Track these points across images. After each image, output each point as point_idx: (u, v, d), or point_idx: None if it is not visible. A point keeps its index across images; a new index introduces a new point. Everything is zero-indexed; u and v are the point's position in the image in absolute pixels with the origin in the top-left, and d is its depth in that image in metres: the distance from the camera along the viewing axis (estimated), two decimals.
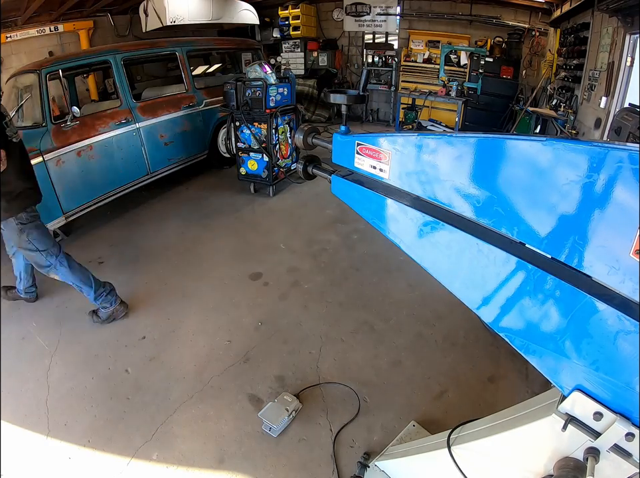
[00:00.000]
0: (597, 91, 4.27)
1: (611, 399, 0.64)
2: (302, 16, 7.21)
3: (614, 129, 3.41)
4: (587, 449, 0.69)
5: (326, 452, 1.61)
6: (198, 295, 2.58)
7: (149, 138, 3.92)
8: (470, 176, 0.67)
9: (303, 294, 2.60)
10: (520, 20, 6.28)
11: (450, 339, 2.19)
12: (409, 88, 6.84)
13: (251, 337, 2.22)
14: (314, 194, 4.21)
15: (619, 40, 3.79)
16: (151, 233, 3.43)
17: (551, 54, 5.83)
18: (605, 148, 0.51)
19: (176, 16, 4.75)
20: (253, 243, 3.25)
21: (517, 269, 0.66)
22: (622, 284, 0.55)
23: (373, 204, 0.87)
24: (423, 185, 0.75)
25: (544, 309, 0.65)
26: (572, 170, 0.55)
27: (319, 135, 1.00)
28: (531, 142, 0.59)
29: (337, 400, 1.84)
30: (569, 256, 0.58)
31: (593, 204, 0.54)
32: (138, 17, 5.37)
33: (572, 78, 5.09)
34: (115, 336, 2.23)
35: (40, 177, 3.06)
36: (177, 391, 1.88)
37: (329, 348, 2.14)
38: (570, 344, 0.64)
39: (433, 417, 1.75)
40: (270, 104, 3.78)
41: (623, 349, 0.57)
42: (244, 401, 1.83)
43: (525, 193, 0.61)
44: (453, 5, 6.58)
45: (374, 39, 7.38)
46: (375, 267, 2.89)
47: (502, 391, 1.88)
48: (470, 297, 0.76)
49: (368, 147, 0.82)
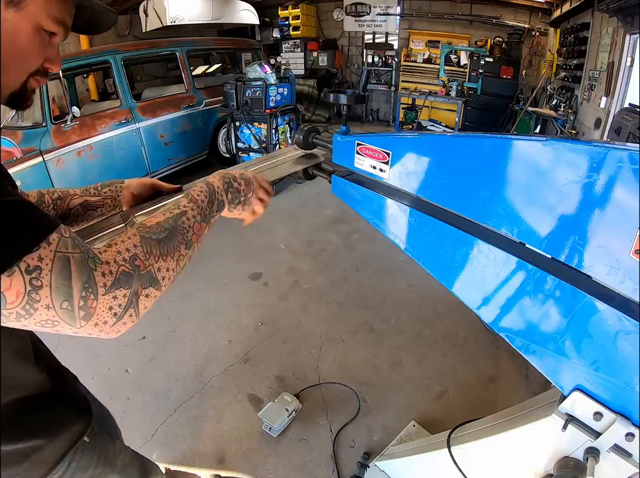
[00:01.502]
0: (597, 91, 4.27)
1: (611, 399, 0.64)
2: (302, 16, 7.21)
3: (614, 129, 3.42)
4: (587, 449, 0.69)
5: (326, 452, 1.61)
6: (198, 295, 2.58)
7: (149, 138, 3.92)
8: (470, 177, 0.67)
9: (303, 294, 2.60)
10: (520, 20, 6.28)
11: (450, 339, 2.19)
12: (409, 88, 6.84)
13: (251, 337, 2.22)
14: (314, 194, 4.21)
15: (619, 40, 3.79)
16: None
17: (551, 54, 5.83)
18: (605, 148, 0.51)
19: (176, 16, 4.75)
20: (253, 243, 3.25)
21: (517, 269, 0.66)
22: (622, 284, 0.55)
23: (373, 204, 0.87)
24: (423, 185, 0.75)
25: (544, 309, 0.65)
26: (572, 170, 0.55)
27: (319, 135, 1.00)
28: (531, 142, 0.59)
29: (337, 400, 1.84)
30: (569, 256, 0.58)
31: (593, 204, 0.54)
32: (138, 17, 5.36)
33: (572, 78, 5.09)
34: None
35: (40, 177, 3.08)
36: (177, 391, 1.88)
37: (329, 348, 2.14)
38: (570, 344, 0.64)
39: (433, 417, 1.75)
40: (270, 104, 3.79)
41: (623, 349, 0.57)
42: (244, 401, 1.83)
43: (525, 193, 0.61)
44: (453, 5, 6.59)
45: (374, 39, 7.38)
46: (375, 267, 2.89)
47: (502, 391, 1.88)
48: (470, 297, 0.76)
49: (368, 147, 0.82)
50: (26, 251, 0.42)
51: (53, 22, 0.53)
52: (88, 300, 0.45)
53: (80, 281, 0.45)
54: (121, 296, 0.48)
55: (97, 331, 0.48)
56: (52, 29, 0.53)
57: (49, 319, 0.44)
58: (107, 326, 0.48)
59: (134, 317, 0.51)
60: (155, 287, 0.52)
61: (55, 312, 0.44)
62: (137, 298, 0.50)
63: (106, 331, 0.48)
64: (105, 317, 0.47)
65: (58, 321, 0.44)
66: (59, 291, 0.43)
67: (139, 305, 0.50)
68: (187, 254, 0.61)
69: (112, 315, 0.47)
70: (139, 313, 0.51)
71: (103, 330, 0.48)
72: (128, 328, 0.51)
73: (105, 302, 0.46)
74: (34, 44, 0.52)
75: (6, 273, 0.41)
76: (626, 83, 3.82)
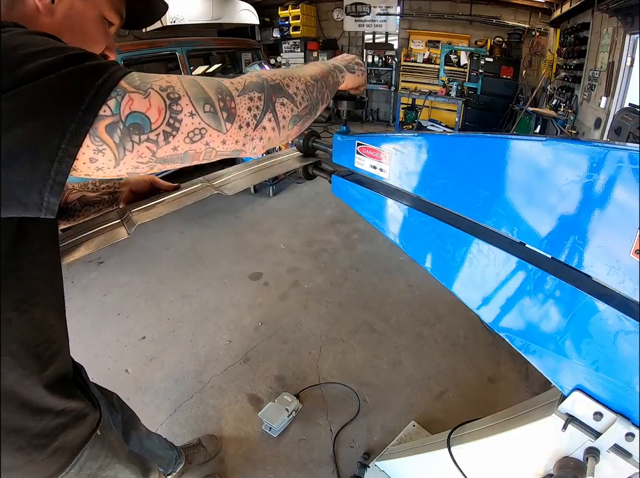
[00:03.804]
0: (597, 91, 4.27)
1: (611, 399, 0.64)
2: (302, 16, 7.21)
3: (614, 129, 3.42)
4: (587, 449, 0.69)
5: (326, 452, 1.61)
6: (198, 295, 2.58)
7: None
8: (470, 176, 0.67)
9: (303, 294, 2.60)
10: (520, 20, 6.28)
11: (450, 339, 2.19)
12: (409, 88, 6.85)
13: (251, 337, 2.22)
14: (314, 194, 4.21)
15: (619, 40, 3.79)
16: (150, 233, 3.43)
17: (551, 54, 5.83)
18: (605, 148, 0.51)
19: (176, 16, 4.74)
20: (253, 243, 3.25)
21: (517, 269, 0.66)
22: (622, 284, 0.55)
23: (373, 204, 0.87)
24: (423, 185, 0.75)
25: (544, 309, 0.65)
26: (572, 170, 0.55)
27: (319, 139, 1.00)
28: (531, 142, 0.59)
29: (337, 400, 1.84)
30: (569, 256, 0.58)
31: (593, 204, 0.54)
32: None
33: (572, 78, 5.10)
34: (115, 336, 2.23)
35: None
36: (177, 391, 1.88)
37: (329, 348, 2.14)
38: (570, 344, 0.64)
39: (433, 417, 1.75)
40: None
41: (623, 349, 0.57)
42: (244, 401, 1.83)
43: (525, 193, 0.61)
44: (453, 5, 6.59)
45: (374, 39, 7.38)
46: (375, 267, 2.89)
47: (502, 391, 1.88)
48: (470, 297, 0.76)
49: (368, 147, 0.82)
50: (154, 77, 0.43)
51: (114, 12, 0.59)
52: (226, 101, 0.45)
53: (212, 89, 0.45)
54: (256, 98, 0.48)
55: (243, 136, 0.48)
56: (111, 19, 0.59)
57: (196, 128, 0.44)
58: (250, 130, 0.48)
59: (273, 123, 0.50)
60: (289, 99, 0.52)
61: (200, 118, 0.44)
62: (273, 104, 0.50)
63: (250, 136, 0.48)
64: (247, 118, 0.47)
65: (205, 128, 0.44)
66: (197, 96, 0.43)
67: (277, 111, 0.50)
68: (315, 86, 0.58)
69: (252, 116, 0.48)
70: (279, 121, 0.51)
71: (248, 134, 0.48)
72: (271, 138, 0.51)
73: (243, 102, 0.47)
74: (99, 31, 0.58)
75: (142, 94, 0.40)
76: (626, 83, 3.82)
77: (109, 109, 0.39)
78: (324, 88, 0.61)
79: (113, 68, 0.41)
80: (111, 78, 0.40)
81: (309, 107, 0.56)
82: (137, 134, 0.40)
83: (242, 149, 0.49)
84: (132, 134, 0.40)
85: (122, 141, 0.40)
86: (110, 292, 2.63)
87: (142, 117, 0.40)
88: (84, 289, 2.67)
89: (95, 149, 0.40)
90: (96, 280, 2.78)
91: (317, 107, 0.59)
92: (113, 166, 0.42)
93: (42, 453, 0.60)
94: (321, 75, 0.61)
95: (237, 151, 0.49)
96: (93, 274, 2.84)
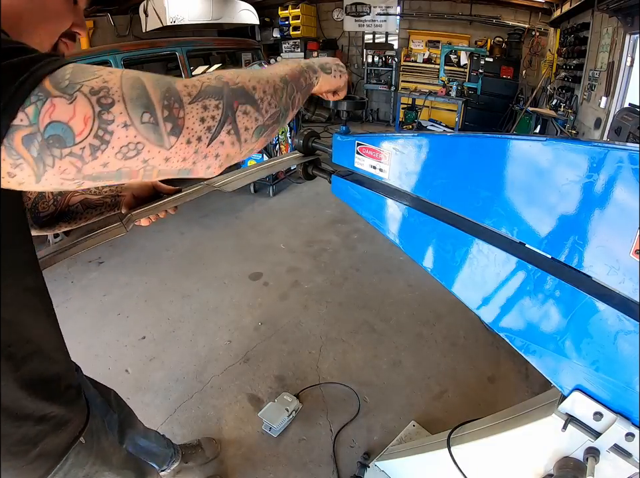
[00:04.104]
0: (597, 91, 4.27)
1: (611, 399, 0.64)
2: (302, 16, 7.21)
3: (614, 129, 3.42)
4: (587, 449, 0.69)
5: (326, 452, 1.61)
6: (198, 295, 2.58)
7: None
8: (470, 176, 0.67)
9: (303, 294, 2.60)
10: (520, 20, 6.28)
11: (450, 339, 2.19)
12: (409, 88, 6.85)
13: (251, 337, 2.22)
14: (314, 194, 4.21)
15: (619, 40, 3.79)
16: (150, 233, 3.43)
17: (551, 54, 5.83)
18: (605, 148, 0.51)
19: (176, 16, 4.75)
20: (253, 243, 3.25)
21: (517, 269, 0.66)
22: (622, 284, 0.55)
23: (373, 204, 0.87)
24: (423, 185, 0.75)
25: (544, 309, 0.65)
26: (572, 170, 0.55)
27: (319, 139, 1.00)
28: (531, 142, 0.59)
29: (337, 400, 1.84)
30: (569, 256, 0.58)
31: (593, 204, 0.54)
32: (138, 17, 5.36)
33: (572, 78, 5.09)
34: (115, 336, 2.23)
35: None
36: (177, 391, 1.88)
37: (329, 348, 2.14)
38: (570, 344, 0.64)
39: (433, 417, 1.75)
40: None
41: (623, 349, 0.57)
42: (244, 401, 1.83)
43: (525, 193, 0.61)
44: (453, 5, 6.59)
45: (374, 39, 7.38)
46: (375, 267, 2.89)
47: (502, 391, 1.88)
48: (470, 297, 0.76)
49: (368, 147, 0.82)
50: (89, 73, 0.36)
51: None
52: (173, 108, 0.37)
53: (157, 92, 0.37)
54: (212, 106, 0.39)
55: (193, 153, 0.39)
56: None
57: (130, 142, 0.36)
58: (202, 146, 0.39)
59: (233, 137, 0.42)
60: (253, 106, 0.43)
61: (136, 130, 0.36)
62: (234, 113, 0.41)
63: (202, 153, 0.40)
64: (198, 131, 0.39)
65: (142, 143, 0.36)
66: (136, 103, 0.36)
67: (237, 122, 0.42)
68: (285, 89, 0.50)
69: (205, 129, 0.39)
70: (240, 134, 0.42)
71: (199, 150, 0.39)
72: (230, 155, 0.43)
73: (195, 111, 0.38)
74: (62, 5, 0.54)
75: (67, 100, 0.34)
76: (626, 83, 3.82)
77: (26, 117, 0.33)
78: (295, 91, 0.53)
79: (38, 64, 0.34)
80: (31, 78, 0.33)
81: (277, 115, 0.48)
82: (57, 147, 0.34)
83: (192, 169, 0.41)
84: (52, 147, 0.34)
85: (41, 155, 0.34)
86: (110, 292, 2.63)
87: (63, 128, 0.34)
88: (84, 289, 2.67)
89: (12, 163, 0.34)
90: (96, 280, 2.78)
91: (287, 114, 0.51)
92: (34, 182, 0.36)
93: (22, 459, 0.59)
94: (292, 76, 0.53)
95: (185, 170, 0.41)
96: (93, 274, 2.84)
